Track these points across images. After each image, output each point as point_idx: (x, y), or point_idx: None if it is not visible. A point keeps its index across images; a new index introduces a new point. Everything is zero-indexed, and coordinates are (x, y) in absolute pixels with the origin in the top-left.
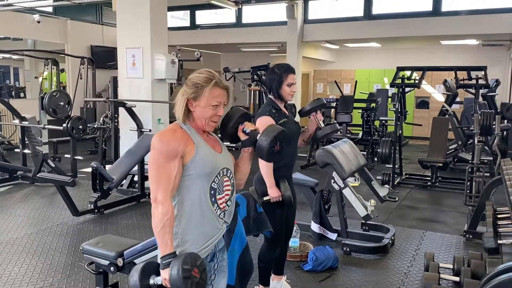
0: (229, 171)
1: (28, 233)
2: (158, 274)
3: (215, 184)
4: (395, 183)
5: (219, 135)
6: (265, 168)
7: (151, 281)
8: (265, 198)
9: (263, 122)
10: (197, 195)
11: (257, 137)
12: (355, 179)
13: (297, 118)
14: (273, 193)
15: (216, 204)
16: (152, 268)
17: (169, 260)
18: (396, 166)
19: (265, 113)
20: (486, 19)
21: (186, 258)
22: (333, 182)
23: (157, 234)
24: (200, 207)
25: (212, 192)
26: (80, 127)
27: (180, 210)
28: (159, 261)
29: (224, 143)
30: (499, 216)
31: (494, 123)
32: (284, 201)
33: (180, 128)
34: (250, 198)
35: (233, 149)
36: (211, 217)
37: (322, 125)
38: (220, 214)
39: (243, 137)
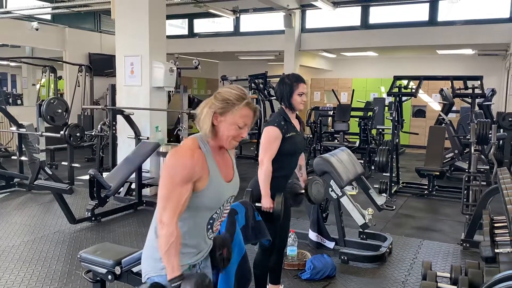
0: (233, 197)
1: (25, 241)
2: None
3: (216, 215)
4: (392, 192)
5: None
6: (263, 177)
7: None
8: (257, 205)
9: (269, 132)
10: (195, 224)
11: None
12: (353, 188)
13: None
14: (265, 203)
15: (211, 230)
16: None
17: (178, 283)
18: (393, 175)
19: (274, 123)
20: (481, 29)
21: (198, 280)
22: (331, 191)
23: (163, 255)
24: (195, 230)
25: (211, 221)
26: (78, 134)
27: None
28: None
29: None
30: (496, 225)
31: (490, 132)
32: (272, 213)
33: (198, 148)
34: (249, 206)
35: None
36: (202, 239)
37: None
38: (211, 236)
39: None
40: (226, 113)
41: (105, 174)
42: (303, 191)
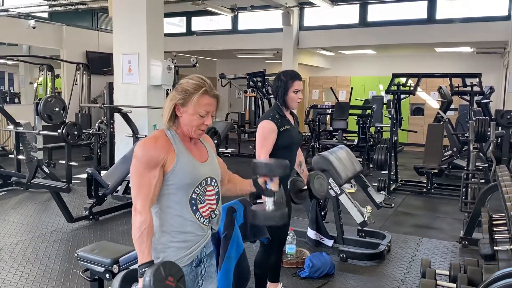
0: (214, 179)
1: (22, 240)
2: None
3: (195, 195)
4: (391, 190)
5: (215, 141)
6: None
7: None
8: (258, 201)
9: (264, 127)
10: (177, 205)
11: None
12: (351, 186)
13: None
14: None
15: (198, 213)
16: (133, 276)
17: (145, 269)
18: (392, 173)
19: (268, 117)
20: (479, 27)
21: (159, 267)
22: (330, 189)
23: (135, 242)
24: (181, 216)
25: (193, 202)
26: (75, 133)
27: (161, 218)
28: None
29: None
30: (495, 222)
31: (489, 130)
32: None
33: (163, 135)
34: (248, 204)
35: (229, 155)
36: (194, 225)
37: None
38: (204, 221)
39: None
40: (186, 103)
41: (102, 173)
42: (305, 187)
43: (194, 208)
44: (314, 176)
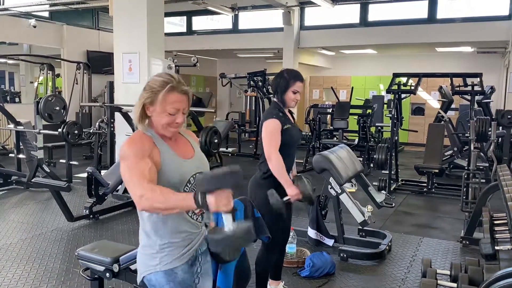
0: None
1: (23, 239)
2: None
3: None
4: (391, 189)
5: (216, 140)
6: (277, 170)
7: None
8: (285, 199)
9: (269, 125)
10: None
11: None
12: (352, 185)
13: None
14: (291, 192)
15: (190, 211)
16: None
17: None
18: (392, 172)
19: (272, 116)
20: (480, 27)
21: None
22: (330, 188)
23: (163, 203)
24: (174, 216)
25: None
26: (76, 132)
27: (155, 222)
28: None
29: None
30: (496, 222)
31: (490, 129)
32: (304, 198)
33: (143, 134)
34: (248, 203)
35: (229, 154)
36: (188, 224)
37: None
38: (196, 218)
39: None
40: (154, 102)
41: (103, 172)
42: None
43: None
44: (299, 178)
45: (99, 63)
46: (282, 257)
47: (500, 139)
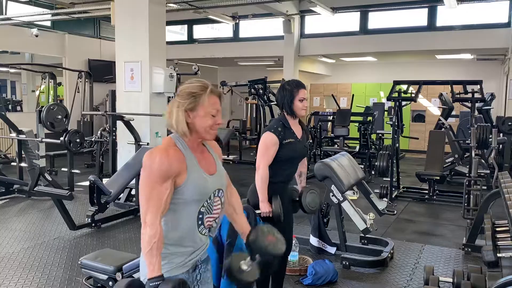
0: (221, 191)
1: (25, 248)
2: None
3: (204, 208)
4: (393, 197)
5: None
6: (260, 183)
7: None
8: (256, 212)
9: (266, 138)
10: (183, 219)
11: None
12: (354, 192)
13: None
14: (263, 208)
15: (202, 226)
16: (138, 285)
17: (156, 283)
18: (394, 180)
19: (270, 129)
20: (480, 34)
21: (175, 285)
22: (332, 196)
23: (145, 255)
24: (185, 230)
25: (200, 216)
26: (78, 140)
27: (166, 228)
28: (142, 279)
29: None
30: (498, 229)
31: (490, 136)
32: (273, 217)
33: (174, 145)
34: (251, 211)
35: (230, 162)
36: (195, 237)
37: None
38: (205, 232)
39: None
40: (196, 107)
41: (105, 180)
42: (297, 198)
43: (199, 222)
44: (308, 190)
45: (101, 71)
46: (284, 266)
47: (501, 146)
